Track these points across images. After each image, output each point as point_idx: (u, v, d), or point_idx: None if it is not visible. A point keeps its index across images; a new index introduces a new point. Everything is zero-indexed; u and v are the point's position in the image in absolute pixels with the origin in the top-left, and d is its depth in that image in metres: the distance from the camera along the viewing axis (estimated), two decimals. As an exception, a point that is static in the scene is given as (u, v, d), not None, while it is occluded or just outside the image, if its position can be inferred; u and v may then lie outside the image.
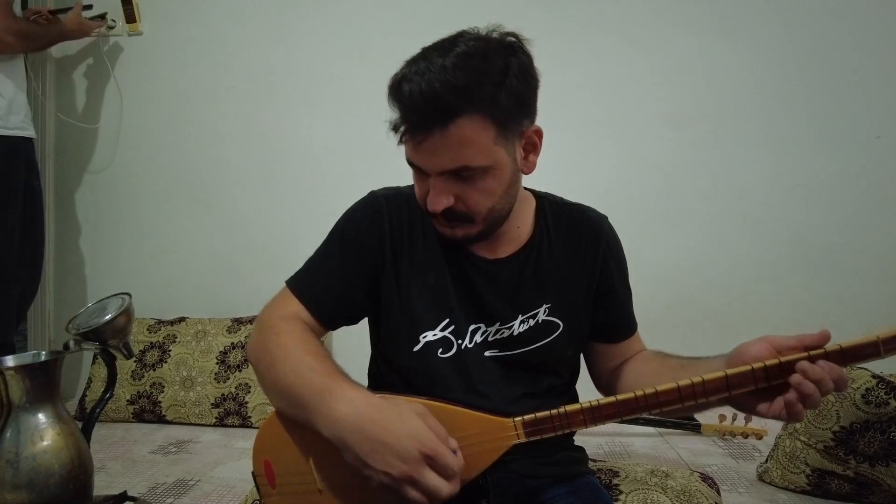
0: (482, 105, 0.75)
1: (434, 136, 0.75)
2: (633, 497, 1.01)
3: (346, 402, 0.72)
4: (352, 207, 0.94)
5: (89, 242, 2.40)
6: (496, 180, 0.80)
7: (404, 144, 0.80)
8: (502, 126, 0.78)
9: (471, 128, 0.75)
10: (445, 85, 0.73)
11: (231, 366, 2.05)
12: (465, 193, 0.80)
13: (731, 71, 2.10)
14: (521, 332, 0.90)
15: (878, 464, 1.34)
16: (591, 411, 0.73)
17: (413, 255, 0.90)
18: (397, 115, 0.78)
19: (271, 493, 0.86)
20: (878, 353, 0.67)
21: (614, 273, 0.96)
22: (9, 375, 0.91)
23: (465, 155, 0.76)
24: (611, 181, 2.13)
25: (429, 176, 0.80)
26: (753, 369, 0.69)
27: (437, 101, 0.73)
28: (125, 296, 1.07)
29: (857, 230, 2.06)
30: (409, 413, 0.70)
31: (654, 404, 0.72)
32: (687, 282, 2.12)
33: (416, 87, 0.74)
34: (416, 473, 0.67)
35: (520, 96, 0.78)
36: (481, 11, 2.05)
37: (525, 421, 0.75)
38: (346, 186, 1.11)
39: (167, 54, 2.32)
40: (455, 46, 0.77)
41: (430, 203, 0.81)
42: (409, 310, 0.90)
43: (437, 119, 0.74)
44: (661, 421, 1.90)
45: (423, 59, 0.77)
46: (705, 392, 0.70)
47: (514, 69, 0.77)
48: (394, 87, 0.78)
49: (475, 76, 0.74)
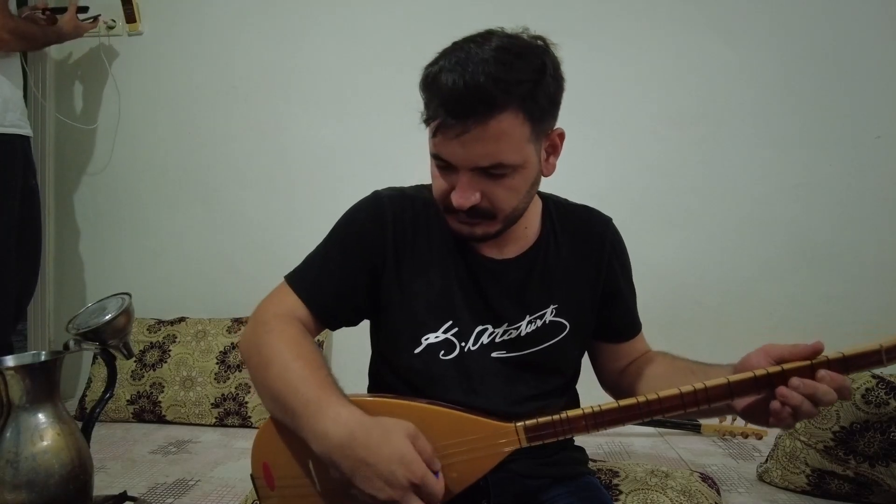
0: (522, 101, 0.74)
1: (472, 130, 0.73)
2: (633, 497, 1.01)
3: (333, 420, 0.70)
4: (354, 206, 0.93)
5: (89, 242, 2.40)
6: (523, 179, 0.80)
7: (435, 137, 0.78)
8: (537, 124, 0.77)
9: (510, 123, 0.74)
10: (489, 76, 0.71)
11: (231, 366, 2.04)
12: (492, 191, 0.79)
13: (731, 71, 2.10)
14: (528, 332, 0.89)
15: (878, 464, 1.34)
16: (593, 417, 0.73)
17: (417, 256, 0.89)
18: (433, 107, 0.76)
19: (271, 496, 0.86)
20: (881, 362, 0.66)
21: (619, 274, 0.96)
22: (9, 375, 0.91)
23: (500, 150, 0.75)
24: (611, 181, 2.13)
25: (456, 171, 0.78)
26: (756, 376, 0.69)
27: (482, 93, 0.72)
28: (125, 296, 1.07)
29: (857, 230, 2.06)
30: (399, 434, 0.69)
31: (657, 410, 0.71)
32: (687, 282, 2.12)
33: (460, 77, 0.72)
34: (402, 500, 0.67)
35: (553, 97, 0.78)
36: (481, 12, 2.06)
37: (527, 426, 0.75)
38: (347, 186, 1.11)
39: (167, 54, 2.32)
40: (489, 41, 0.75)
41: (456, 198, 0.79)
42: (411, 311, 0.89)
43: (480, 110, 0.72)
44: (661, 421, 1.90)
45: (459, 50, 0.75)
46: (708, 398, 0.70)
47: (550, 69, 0.77)
48: (430, 79, 0.76)
49: (517, 72, 0.73)
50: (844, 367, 0.67)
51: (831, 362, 0.68)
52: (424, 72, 0.78)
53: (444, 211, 0.84)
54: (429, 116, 0.77)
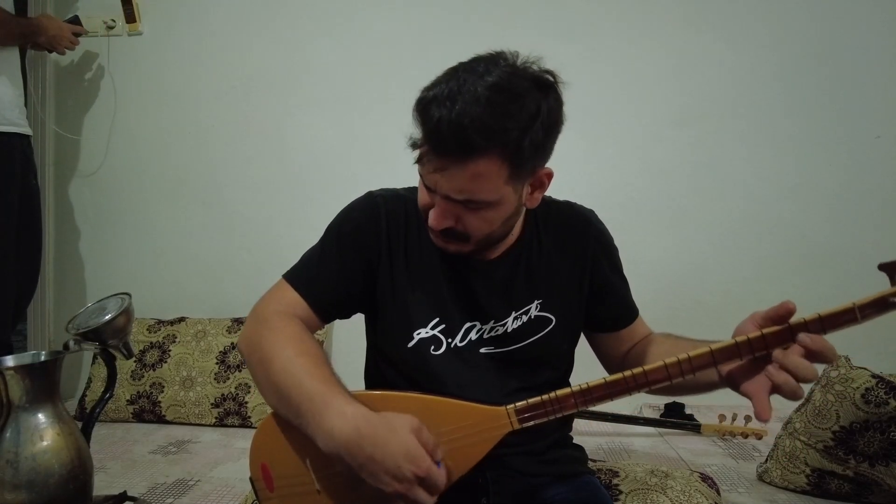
0: (503, 148, 0.75)
1: (449, 168, 0.76)
2: (633, 497, 1.01)
3: (338, 415, 0.71)
4: (349, 205, 0.96)
5: (89, 242, 2.40)
6: (497, 213, 0.83)
7: (420, 160, 0.80)
8: (517, 169, 0.79)
9: (486, 167, 0.76)
10: (474, 122, 0.72)
11: (231, 366, 2.05)
12: (466, 219, 0.82)
13: (730, 71, 2.10)
14: (514, 328, 0.92)
15: (877, 463, 1.34)
16: (581, 394, 0.74)
17: (408, 254, 0.92)
18: (420, 134, 0.78)
19: (270, 498, 0.86)
20: (856, 319, 0.69)
21: (605, 266, 0.98)
22: (8, 375, 0.91)
23: (473, 189, 0.77)
24: (610, 181, 2.13)
25: (435, 192, 0.81)
26: (737, 342, 0.72)
27: (462, 135, 0.73)
28: (125, 296, 1.07)
29: (857, 230, 2.06)
30: (403, 429, 0.70)
31: (644, 383, 0.73)
32: (687, 282, 2.12)
33: (446, 115, 0.73)
34: (408, 492, 0.69)
35: (541, 145, 0.79)
36: (480, 14, 2.06)
37: (518, 408, 0.76)
38: (346, 186, 1.11)
39: (167, 54, 2.32)
40: (489, 72, 0.75)
41: (431, 219, 0.83)
42: (403, 307, 0.91)
43: (458, 152, 0.74)
44: (661, 421, 1.90)
45: (454, 78, 0.76)
46: (692, 368, 0.72)
47: (543, 116, 0.77)
48: (422, 107, 0.77)
49: (504, 119, 0.74)
50: (821, 328, 0.70)
51: (809, 324, 0.70)
52: (420, 94, 0.79)
53: (424, 221, 0.87)
54: (415, 141, 0.79)
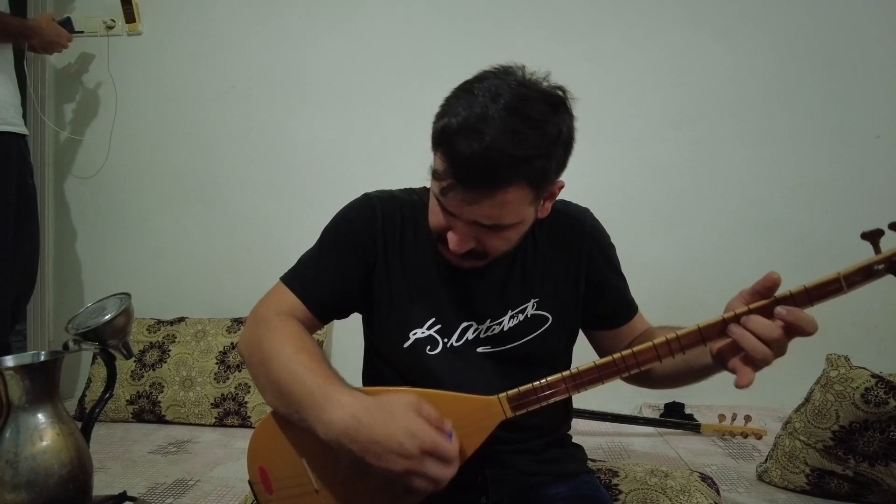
0: (531, 177, 0.76)
1: (479, 199, 0.76)
2: (633, 497, 1.01)
3: (338, 407, 0.72)
4: (345, 207, 0.96)
5: (89, 242, 2.40)
6: (517, 232, 0.84)
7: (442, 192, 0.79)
8: (540, 191, 0.80)
9: (515, 194, 0.77)
10: (504, 154, 0.72)
11: (231, 366, 2.05)
12: (486, 240, 0.83)
13: (731, 71, 2.10)
14: (510, 327, 0.92)
15: (877, 463, 1.34)
16: (572, 378, 0.75)
17: (404, 255, 0.93)
18: (445, 167, 0.76)
19: (270, 500, 0.86)
20: (842, 289, 0.70)
21: (602, 264, 0.98)
22: (8, 376, 0.91)
23: (501, 214, 0.78)
24: (610, 181, 2.13)
25: (455, 217, 0.81)
26: (724, 318, 0.73)
27: (493, 169, 0.73)
28: (125, 296, 1.07)
29: (857, 230, 2.05)
30: (403, 409, 0.70)
31: (633, 364, 0.74)
32: (686, 281, 2.12)
33: (476, 147, 0.72)
34: (418, 467, 0.68)
35: (561, 164, 0.81)
36: (480, 14, 2.06)
37: (509, 396, 0.77)
38: (346, 187, 1.11)
39: (167, 54, 2.32)
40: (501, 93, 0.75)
41: (452, 243, 0.82)
42: (399, 307, 0.92)
43: (488, 184, 0.75)
44: (660, 421, 1.90)
45: (472, 103, 0.75)
46: (681, 346, 0.73)
47: (563, 137, 0.78)
48: (446, 138, 0.76)
49: (528, 147, 0.74)
50: (808, 299, 0.71)
51: (795, 296, 0.71)
52: (438, 124, 0.78)
53: (436, 239, 0.87)
54: (440, 174, 0.78)
